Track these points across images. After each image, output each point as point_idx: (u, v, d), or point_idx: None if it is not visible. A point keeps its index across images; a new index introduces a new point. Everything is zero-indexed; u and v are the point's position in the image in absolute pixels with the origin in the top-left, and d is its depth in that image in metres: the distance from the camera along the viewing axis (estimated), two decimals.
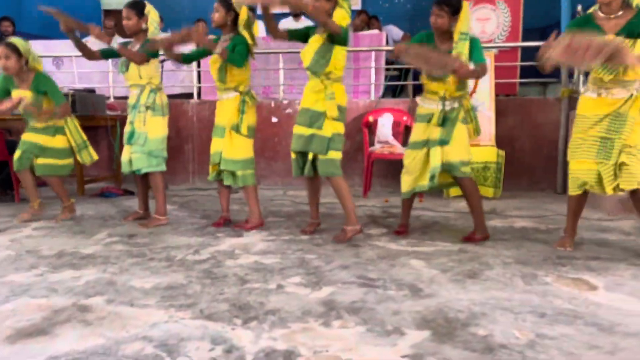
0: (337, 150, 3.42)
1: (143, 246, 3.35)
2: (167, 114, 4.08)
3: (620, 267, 2.84)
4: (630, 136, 2.96)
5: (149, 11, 3.97)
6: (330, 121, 3.38)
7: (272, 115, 5.98)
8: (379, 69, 6.09)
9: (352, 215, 3.45)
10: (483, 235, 3.45)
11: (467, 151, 3.42)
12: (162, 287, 2.56)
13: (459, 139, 3.37)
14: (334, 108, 3.35)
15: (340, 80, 3.44)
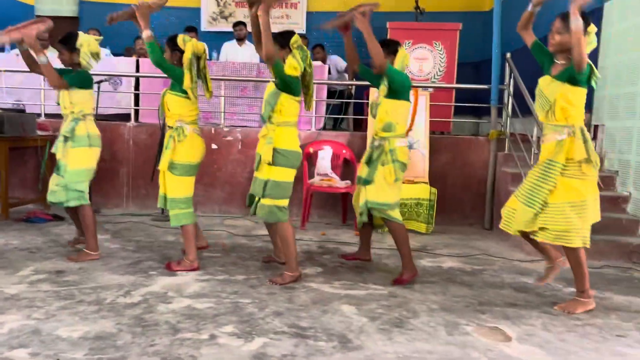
0: (272, 197, 3.42)
1: (72, 285, 3.27)
2: (96, 146, 3.93)
3: (533, 315, 3.05)
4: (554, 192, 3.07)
5: (81, 44, 3.85)
6: (265, 165, 3.43)
7: (212, 141, 5.97)
8: (321, 101, 6.22)
9: (293, 263, 3.49)
10: (411, 274, 3.60)
11: (388, 193, 3.55)
12: (91, 336, 2.52)
13: (379, 180, 3.54)
14: (269, 153, 3.38)
15: (287, 125, 3.46)
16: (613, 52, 5.32)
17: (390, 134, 3.56)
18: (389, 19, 6.80)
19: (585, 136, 3.08)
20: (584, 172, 3.05)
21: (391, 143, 3.56)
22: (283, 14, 9.29)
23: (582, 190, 3.05)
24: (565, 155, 3.05)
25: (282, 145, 3.42)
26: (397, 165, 3.55)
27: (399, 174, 3.57)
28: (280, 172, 3.42)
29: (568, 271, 4.00)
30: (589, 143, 3.07)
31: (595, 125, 5.59)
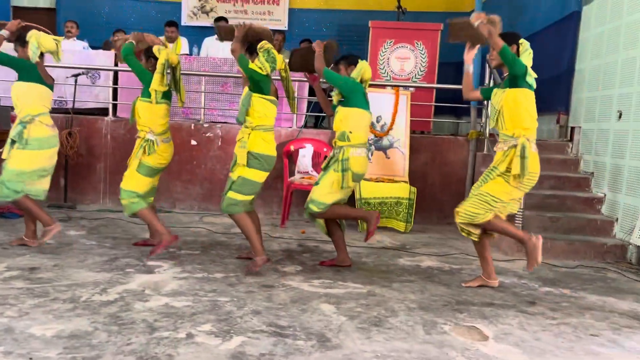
0: (238, 192, 3.58)
1: (46, 282, 3.21)
2: (48, 147, 3.94)
3: (509, 314, 3.09)
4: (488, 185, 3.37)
5: (30, 36, 3.88)
6: (240, 166, 3.57)
7: (192, 138, 5.91)
8: (302, 99, 6.20)
9: (258, 247, 3.63)
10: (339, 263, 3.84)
11: (327, 195, 3.67)
12: (65, 335, 2.47)
13: (325, 180, 3.69)
14: (243, 155, 3.54)
15: (262, 128, 3.60)
16: (590, 56, 5.41)
17: (345, 143, 3.65)
18: (371, 18, 6.82)
19: (525, 153, 3.24)
20: (515, 185, 3.34)
21: (345, 152, 3.64)
22: (265, 10, 9.24)
23: (505, 193, 3.35)
24: (506, 165, 3.32)
25: (257, 149, 3.58)
26: (347, 174, 3.63)
27: (347, 183, 3.65)
28: (252, 173, 3.60)
29: (545, 270, 4.07)
30: (526, 160, 3.24)
31: (572, 127, 5.69)
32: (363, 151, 3.69)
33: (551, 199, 5.04)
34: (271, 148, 3.65)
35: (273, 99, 3.70)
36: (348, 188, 3.69)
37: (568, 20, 5.75)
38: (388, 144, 5.64)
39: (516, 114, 3.27)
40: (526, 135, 3.29)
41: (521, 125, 3.29)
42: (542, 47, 6.35)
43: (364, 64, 3.76)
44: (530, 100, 3.31)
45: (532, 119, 3.32)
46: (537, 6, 6.57)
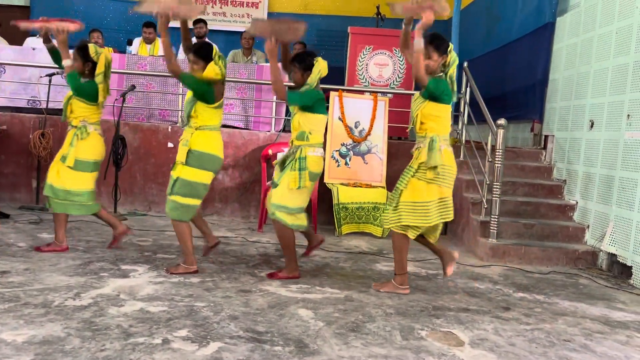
0: (180, 194, 3.58)
1: (17, 287, 3.13)
2: None
3: (485, 320, 3.13)
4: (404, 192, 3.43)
5: None
6: (179, 165, 3.60)
7: (169, 140, 5.85)
8: (282, 102, 6.19)
9: (190, 257, 3.68)
10: (290, 275, 3.70)
11: (288, 198, 3.61)
12: (37, 341, 2.41)
13: (283, 183, 3.64)
14: (183, 153, 3.57)
15: (206, 128, 3.63)
16: (563, 66, 5.54)
17: (303, 142, 3.65)
18: (350, 24, 6.87)
19: (435, 146, 3.35)
20: (430, 177, 3.37)
21: (303, 152, 3.63)
22: (244, 13, 9.21)
23: (425, 193, 3.38)
24: (418, 161, 3.39)
25: (198, 147, 3.59)
26: (304, 173, 3.60)
27: (304, 182, 3.60)
28: (191, 172, 3.58)
29: (520, 276, 4.14)
30: (434, 151, 3.34)
31: (546, 135, 5.80)
32: (320, 151, 3.72)
33: (525, 205, 5.13)
34: (214, 147, 3.65)
35: (219, 104, 3.71)
36: (305, 188, 3.64)
37: (543, 31, 5.87)
38: (366, 150, 5.67)
39: (430, 121, 3.39)
40: (437, 134, 3.39)
41: (433, 130, 3.40)
42: (517, 56, 6.49)
43: (320, 64, 3.66)
44: (445, 112, 3.43)
45: (444, 127, 3.45)
46: (513, 16, 6.70)
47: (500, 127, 4.65)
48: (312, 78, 3.62)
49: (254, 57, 6.83)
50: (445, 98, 3.37)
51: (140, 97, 6.13)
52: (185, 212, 3.62)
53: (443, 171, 3.39)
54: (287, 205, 3.62)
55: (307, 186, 3.64)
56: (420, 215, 3.38)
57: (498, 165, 4.62)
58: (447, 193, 3.45)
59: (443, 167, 3.38)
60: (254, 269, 3.89)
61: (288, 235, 3.67)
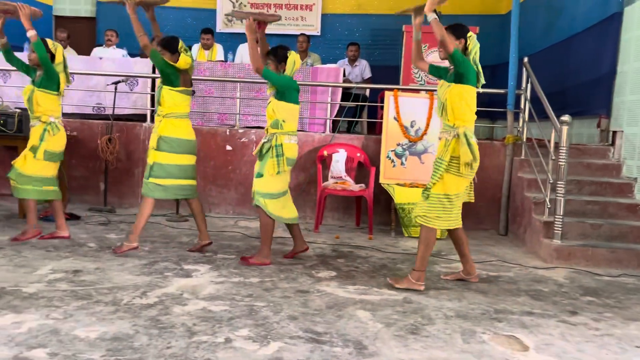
0: (157, 177, 4.05)
1: (89, 285, 3.29)
2: None
3: (550, 324, 3.01)
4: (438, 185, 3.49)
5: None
6: (152, 151, 4.05)
7: (227, 143, 5.99)
8: (335, 104, 6.21)
9: (137, 234, 4.04)
10: (261, 261, 3.92)
11: (270, 184, 3.89)
12: (108, 337, 2.53)
13: (266, 172, 3.89)
14: (154, 139, 4.03)
15: (173, 116, 4.06)
16: (633, 58, 5.25)
17: (277, 130, 3.89)
18: (405, 23, 6.76)
19: (469, 140, 3.46)
20: (461, 172, 3.46)
21: (278, 139, 3.88)
22: (298, 16, 9.30)
23: (455, 186, 3.49)
24: (450, 154, 3.44)
25: (167, 133, 4.04)
26: (281, 159, 3.86)
27: (282, 167, 3.87)
28: (164, 156, 4.03)
29: (587, 279, 3.96)
30: (474, 146, 3.48)
31: (614, 131, 5.53)
32: (294, 139, 3.97)
33: (592, 205, 4.91)
34: (182, 132, 4.09)
35: (184, 90, 4.09)
36: (284, 172, 3.91)
37: (609, 22, 5.60)
38: (422, 149, 5.59)
39: (458, 107, 3.45)
40: (465, 125, 3.47)
41: (462, 117, 3.46)
42: (581, 49, 6.21)
43: (293, 56, 3.92)
44: (472, 96, 3.50)
45: (472, 113, 3.52)
46: (576, 8, 6.42)
47: (564, 123, 4.48)
48: (287, 69, 3.90)
49: (309, 60, 6.88)
50: (470, 77, 3.44)
51: (200, 101, 6.31)
52: (164, 191, 4.07)
53: (475, 165, 3.51)
54: (271, 192, 3.90)
55: (286, 170, 3.93)
56: (448, 208, 3.52)
57: (562, 163, 4.45)
58: (467, 183, 3.61)
59: (476, 161, 3.50)
60: (311, 269, 3.92)
61: (268, 223, 3.93)
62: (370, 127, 6.99)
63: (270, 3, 9.31)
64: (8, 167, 5.15)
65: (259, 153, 3.99)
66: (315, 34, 9.07)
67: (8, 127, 5.05)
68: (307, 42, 7.27)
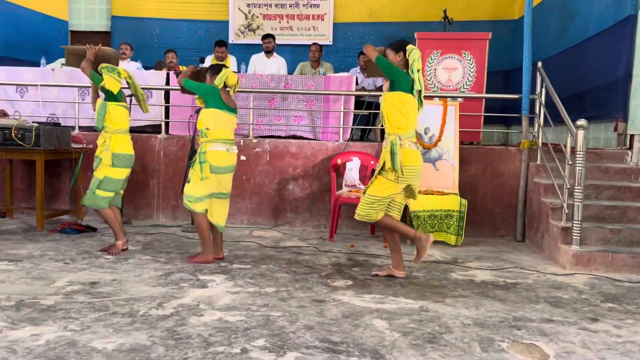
0: (105, 190, 4.34)
1: (106, 297, 3.31)
2: None
3: (571, 332, 2.96)
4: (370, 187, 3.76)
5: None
6: (105, 166, 4.30)
7: (241, 153, 6.01)
8: (348, 112, 6.21)
9: (120, 234, 4.44)
10: (205, 259, 4.18)
11: (194, 188, 4.13)
12: (125, 349, 2.54)
13: (192, 177, 4.15)
14: (108, 157, 4.28)
15: (120, 132, 4.35)
16: None
17: (203, 139, 4.14)
18: (417, 29, 6.77)
19: (394, 149, 3.60)
20: (393, 178, 3.66)
21: (203, 147, 4.13)
22: (310, 26, 9.35)
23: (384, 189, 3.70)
24: (382, 160, 3.71)
25: (119, 149, 4.32)
26: (204, 165, 4.08)
27: (205, 173, 4.08)
28: (116, 172, 4.33)
29: (607, 285, 3.90)
30: (395, 155, 3.60)
31: (631, 134, 5.45)
32: (221, 146, 4.12)
33: (611, 209, 4.83)
34: (129, 148, 4.42)
35: (125, 105, 4.46)
36: (207, 179, 4.09)
37: (623, 24, 5.54)
38: (437, 156, 5.57)
39: (392, 115, 3.65)
40: (399, 133, 3.64)
41: (397, 125, 3.65)
42: (596, 53, 6.15)
43: (227, 71, 4.18)
44: (405, 102, 3.64)
45: (406, 119, 3.65)
46: (589, 11, 6.37)
47: (580, 128, 4.43)
48: (217, 80, 4.14)
49: (322, 69, 6.91)
50: (402, 83, 3.62)
51: None
52: (102, 200, 4.34)
53: (406, 172, 3.65)
54: (195, 195, 4.12)
55: (209, 177, 4.10)
56: (376, 207, 3.73)
57: (579, 168, 4.39)
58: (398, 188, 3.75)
59: (406, 168, 3.64)
60: (326, 278, 3.90)
61: (201, 224, 4.16)
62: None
63: (282, 14, 9.38)
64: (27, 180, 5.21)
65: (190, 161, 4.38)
66: (327, 43, 9.10)
67: (26, 141, 5.13)
68: (319, 51, 7.30)
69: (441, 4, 7.91)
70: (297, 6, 9.32)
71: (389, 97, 3.67)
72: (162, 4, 9.57)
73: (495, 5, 8.93)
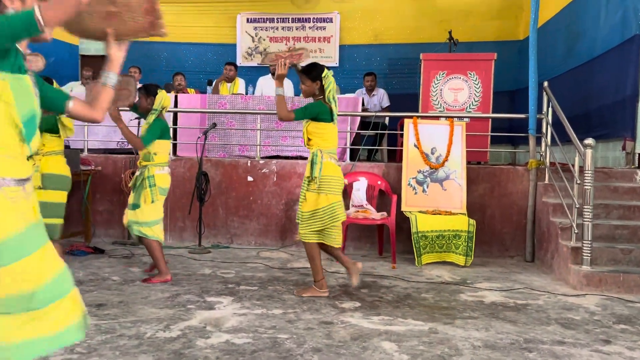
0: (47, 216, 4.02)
1: (112, 319, 3.30)
2: None
3: (583, 354, 2.91)
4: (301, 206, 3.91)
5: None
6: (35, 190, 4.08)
7: (248, 174, 6.04)
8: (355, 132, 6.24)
9: None
10: (164, 279, 4.22)
11: (146, 213, 4.19)
12: None
13: (142, 202, 4.18)
14: (37, 178, 4.05)
15: (52, 153, 4.19)
16: None
17: (149, 162, 4.21)
18: (422, 51, 6.84)
19: (316, 160, 3.80)
20: (315, 188, 3.83)
21: (150, 170, 4.20)
22: (317, 48, 9.45)
23: (316, 202, 3.83)
24: (305, 175, 3.90)
25: (49, 170, 4.15)
26: (154, 189, 4.17)
27: (155, 196, 4.19)
28: (49, 194, 4.08)
29: (619, 306, 3.84)
30: (315, 165, 3.80)
31: None
32: (166, 169, 4.32)
33: (621, 229, 4.78)
34: (62, 169, 4.23)
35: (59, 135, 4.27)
36: (158, 201, 4.22)
37: (629, 44, 5.56)
38: (444, 176, 5.55)
39: (313, 139, 3.87)
40: (320, 148, 3.85)
41: (316, 145, 3.87)
42: (602, 72, 6.17)
43: (163, 93, 4.31)
44: (326, 130, 3.87)
45: (326, 142, 3.88)
46: (595, 31, 6.40)
47: (588, 147, 4.41)
48: (156, 104, 4.26)
49: None
50: (324, 117, 3.82)
51: (222, 134, 6.40)
52: (54, 231, 3.89)
53: (326, 181, 3.81)
54: (147, 220, 4.19)
55: (159, 199, 4.24)
56: (316, 220, 3.84)
57: (588, 187, 4.36)
58: (334, 199, 3.86)
59: (324, 177, 3.80)
60: (334, 300, 3.87)
61: (153, 246, 4.22)
62: (391, 154, 7.00)
63: (289, 36, 9.49)
64: None
65: (132, 185, 4.29)
66: (333, 65, 9.18)
67: None
68: None
69: (446, 25, 7.98)
70: (303, 29, 9.44)
71: (311, 126, 3.87)
72: (171, 27, 9.60)
73: (500, 26, 9.00)
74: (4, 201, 1.72)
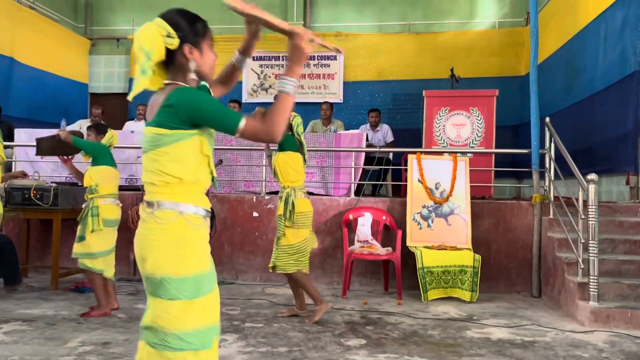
0: None
1: (117, 357, 3.29)
2: None
3: None
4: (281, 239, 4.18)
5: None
6: None
7: (254, 210, 6.08)
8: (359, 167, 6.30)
9: None
10: (103, 312, 4.28)
11: (89, 244, 4.27)
12: None
13: (86, 233, 4.27)
14: None
15: None
16: None
17: (93, 195, 4.33)
18: (425, 87, 6.96)
19: (289, 200, 4.08)
20: (290, 225, 4.12)
21: (94, 202, 4.32)
22: (321, 85, 9.61)
23: (294, 236, 4.14)
24: (278, 213, 4.17)
25: None
26: (95, 219, 4.26)
27: (97, 226, 4.27)
28: None
29: (628, 343, 3.79)
30: (288, 204, 4.08)
31: None
32: (112, 201, 4.39)
33: (628, 264, 4.76)
34: None
35: None
36: (101, 232, 4.28)
37: (629, 80, 5.65)
38: (449, 211, 5.58)
39: (285, 171, 4.16)
40: (293, 186, 4.16)
41: (289, 179, 4.16)
42: (603, 108, 6.24)
43: (112, 132, 4.60)
44: (294, 160, 4.17)
45: (297, 173, 4.18)
46: (595, 67, 6.51)
47: (591, 182, 4.43)
48: (105, 140, 4.52)
49: (333, 126, 7.06)
50: (289, 145, 4.14)
51: (228, 170, 6.47)
52: None
53: (302, 217, 4.12)
54: (91, 251, 4.27)
55: (102, 229, 4.29)
56: (296, 251, 4.14)
57: (592, 222, 4.37)
58: (308, 232, 4.23)
59: (300, 214, 4.10)
60: (340, 337, 3.85)
61: (95, 279, 4.30)
62: (395, 189, 7.03)
63: None
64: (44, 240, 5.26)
65: (80, 218, 4.39)
66: (337, 102, 9.32)
67: (44, 201, 5.24)
68: (330, 109, 7.49)
69: (448, 62, 8.14)
70: (308, 66, 9.62)
71: (280, 157, 4.16)
72: None
73: (502, 62, 9.15)
74: (206, 233, 1.81)
